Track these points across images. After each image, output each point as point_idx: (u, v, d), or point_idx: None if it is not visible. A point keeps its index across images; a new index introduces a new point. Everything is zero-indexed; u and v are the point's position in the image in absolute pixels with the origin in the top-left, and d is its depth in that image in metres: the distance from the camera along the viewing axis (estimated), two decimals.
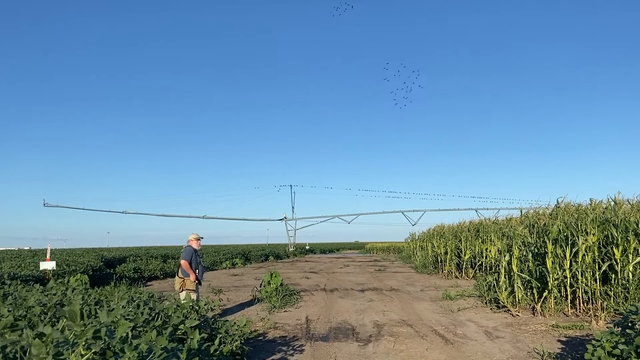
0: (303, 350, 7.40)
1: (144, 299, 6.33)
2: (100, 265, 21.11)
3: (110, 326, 4.11)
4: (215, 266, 30.41)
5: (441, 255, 22.11)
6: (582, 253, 9.77)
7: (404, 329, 8.92)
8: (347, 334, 8.56)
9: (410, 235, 38.46)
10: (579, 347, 6.98)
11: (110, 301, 7.43)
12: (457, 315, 10.35)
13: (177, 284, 10.13)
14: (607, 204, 11.88)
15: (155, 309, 5.58)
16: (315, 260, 43.75)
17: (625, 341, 4.90)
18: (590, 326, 8.52)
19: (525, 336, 8.13)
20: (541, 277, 10.48)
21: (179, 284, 10.07)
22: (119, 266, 22.51)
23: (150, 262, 24.69)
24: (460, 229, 22.08)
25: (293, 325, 9.48)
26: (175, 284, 10.18)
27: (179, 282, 10.08)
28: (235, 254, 38.05)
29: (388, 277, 21.07)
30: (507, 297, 10.72)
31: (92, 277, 17.16)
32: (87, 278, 15.27)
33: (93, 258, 23.72)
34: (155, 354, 3.69)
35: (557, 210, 12.42)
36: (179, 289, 10.05)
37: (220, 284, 18.55)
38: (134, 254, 31.51)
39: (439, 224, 27.49)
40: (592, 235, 9.82)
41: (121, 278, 18.82)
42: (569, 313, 9.88)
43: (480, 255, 18.42)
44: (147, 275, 21.98)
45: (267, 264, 37.48)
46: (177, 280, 10.12)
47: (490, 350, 7.24)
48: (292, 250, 61.93)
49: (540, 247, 10.97)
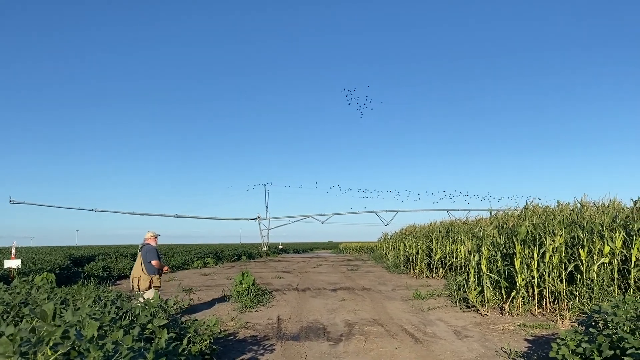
0: (274, 350, 7.38)
1: (112, 298, 6.21)
2: (68, 263, 20.69)
3: (76, 326, 4.02)
4: (187, 265, 30.07)
5: (413, 255, 22.31)
6: (550, 254, 9.98)
7: (375, 328, 8.97)
8: (318, 334, 8.57)
9: (383, 235, 38.72)
10: (545, 346, 7.12)
11: (77, 300, 7.27)
12: (427, 315, 10.46)
13: (144, 282, 9.90)
14: (573, 206, 12.18)
15: (122, 308, 5.48)
16: (288, 260, 43.66)
17: (589, 340, 5.02)
18: (556, 325, 8.70)
19: (493, 335, 8.26)
20: (509, 277, 10.66)
21: (147, 282, 9.91)
22: (88, 265, 22.11)
23: (119, 261, 24.33)
24: (432, 229, 22.33)
25: (264, 325, 9.44)
26: (142, 283, 9.90)
27: (146, 280, 9.91)
28: (207, 253, 37.73)
29: (360, 277, 21.16)
30: (476, 297, 10.88)
31: (59, 276, 16.79)
32: (53, 277, 14.91)
33: (60, 256, 23.25)
34: (122, 354, 3.63)
35: (525, 211, 12.66)
36: (146, 287, 9.88)
37: (191, 284, 18.36)
38: (104, 253, 31.02)
39: (411, 224, 27.77)
40: (559, 237, 10.04)
41: (89, 277, 18.46)
42: (536, 313, 10.07)
43: (450, 255, 18.66)
44: (117, 274, 21.66)
45: (239, 263, 37.24)
46: (145, 278, 9.91)
47: (459, 349, 7.33)
48: (266, 250, 61.69)
49: (509, 247, 11.16)
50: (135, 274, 10.05)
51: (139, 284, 9.89)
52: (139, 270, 10.00)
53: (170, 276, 22.63)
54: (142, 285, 9.88)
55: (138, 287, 9.88)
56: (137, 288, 9.86)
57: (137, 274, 9.99)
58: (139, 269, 10.02)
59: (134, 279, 10.04)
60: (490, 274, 10.82)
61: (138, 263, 10.11)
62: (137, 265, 10.11)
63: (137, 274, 10.00)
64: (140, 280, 9.92)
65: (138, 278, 9.95)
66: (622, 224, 9.98)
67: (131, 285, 10.10)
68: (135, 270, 10.13)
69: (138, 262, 10.12)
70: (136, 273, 10.03)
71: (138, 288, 9.86)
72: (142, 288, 9.84)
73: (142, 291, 9.72)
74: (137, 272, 10.02)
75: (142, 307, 5.73)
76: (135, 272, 10.07)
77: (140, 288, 9.85)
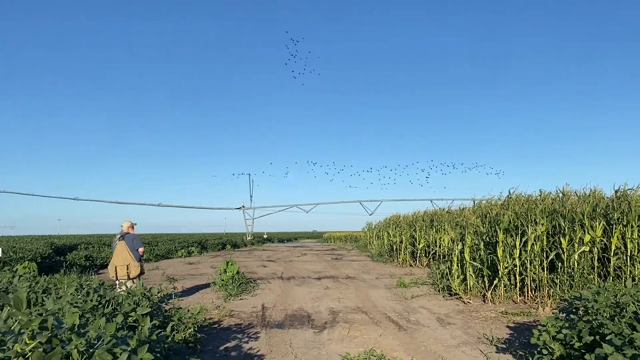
0: (258, 338, 7.39)
1: (94, 286, 6.14)
2: (50, 252, 20.47)
3: (58, 314, 3.98)
4: (171, 255, 29.95)
5: (396, 244, 22.45)
6: (532, 242, 10.11)
7: (359, 316, 9.03)
8: (302, 321, 8.59)
9: (367, 224, 38.84)
10: (526, 333, 7.23)
11: (59, 289, 7.19)
12: (410, 303, 10.54)
13: (134, 269, 10.09)
14: (555, 195, 12.33)
15: (105, 296, 5.43)
16: (273, 249, 43.68)
17: (569, 326, 5.10)
18: (538, 312, 8.84)
19: (475, 322, 8.36)
20: (492, 266, 10.78)
21: (138, 269, 10.15)
22: (70, 254, 21.89)
23: (102, 250, 24.13)
24: (415, 218, 22.48)
25: (249, 313, 9.44)
26: (133, 270, 10.06)
27: (137, 266, 10.14)
28: (191, 242, 37.60)
29: (344, 266, 21.25)
30: (459, 285, 10.98)
31: (41, 265, 16.64)
32: (35, 266, 14.77)
33: (42, 245, 22.98)
34: (104, 341, 3.59)
35: (508, 200, 12.79)
36: (137, 273, 10.12)
37: (175, 273, 18.28)
38: (86, 242, 30.72)
39: (395, 214, 27.92)
40: (541, 225, 10.16)
41: (72, 266, 18.32)
42: (517, 300, 10.21)
43: (434, 244, 18.82)
44: (99, 263, 21.48)
45: (224, 252, 37.16)
46: (135, 265, 10.11)
47: (441, 336, 7.41)
48: (250, 239, 61.61)
49: (491, 236, 11.28)
50: (122, 262, 10.05)
51: (129, 271, 10.00)
52: (128, 258, 10.07)
53: (154, 265, 22.54)
54: (133, 272, 10.03)
55: (128, 275, 9.97)
56: (127, 276, 9.97)
57: (126, 262, 10.04)
58: (126, 257, 10.07)
59: (120, 267, 10.03)
60: (473, 263, 10.93)
61: (123, 251, 10.12)
62: (123, 253, 10.11)
63: (125, 262, 10.04)
64: (131, 267, 10.04)
65: (127, 265, 10.02)
66: (602, 213, 10.14)
67: (114, 274, 10.08)
68: (121, 258, 10.10)
69: (123, 251, 10.12)
70: (123, 261, 10.05)
71: (128, 275, 9.97)
72: (132, 275, 10.01)
73: (132, 278, 9.97)
74: (125, 260, 10.06)
75: (125, 295, 5.69)
76: (122, 260, 10.07)
77: (130, 275, 9.99)
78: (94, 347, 3.43)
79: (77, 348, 3.12)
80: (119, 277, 10.03)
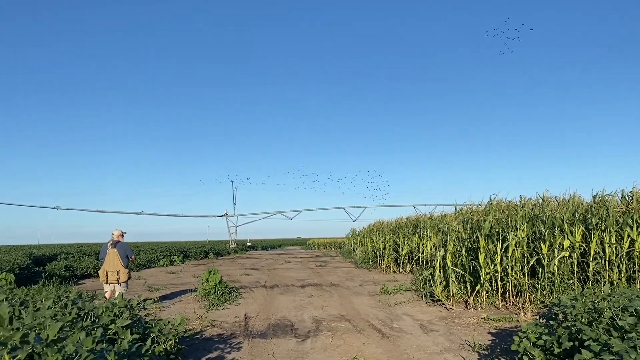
0: (241, 348, 7.33)
1: (72, 298, 6.05)
2: (29, 263, 20.07)
3: (35, 328, 3.91)
4: (153, 263, 29.63)
5: (380, 251, 22.50)
6: (512, 248, 10.20)
7: (342, 324, 9.01)
8: (285, 330, 8.55)
9: (351, 231, 38.92)
10: (508, 339, 7.27)
11: (37, 301, 7.06)
12: (394, 309, 10.56)
13: (124, 274, 10.97)
14: (536, 201, 12.48)
15: (84, 309, 5.35)
16: (256, 257, 43.45)
17: (549, 332, 5.15)
18: (519, 318, 8.91)
19: (458, 329, 8.40)
20: (474, 272, 10.85)
21: (127, 274, 11.05)
22: (50, 264, 21.53)
23: (83, 260, 23.76)
24: (398, 224, 22.55)
25: (231, 323, 9.37)
26: (122, 275, 10.94)
27: (126, 272, 11.02)
28: (173, 251, 37.24)
29: (328, 273, 21.23)
30: (442, 291, 11.04)
31: (19, 276, 16.33)
32: (13, 277, 14.52)
33: (21, 256, 22.55)
34: (81, 357, 3.54)
35: (489, 206, 12.89)
36: (126, 278, 11.04)
37: (157, 282, 18.09)
38: (66, 252, 30.24)
39: (379, 220, 27.98)
40: (521, 231, 10.27)
41: (51, 276, 17.99)
42: (499, 306, 10.29)
43: (417, 250, 18.90)
44: (80, 273, 21.16)
45: (206, 261, 36.89)
46: (124, 272, 10.98)
47: (424, 343, 7.43)
48: (234, 247, 61.29)
49: (473, 242, 11.36)
50: (113, 268, 10.91)
51: (119, 276, 10.90)
52: (119, 265, 10.95)
53: (136, 275, 22.28)
54: (122, 277, 10.95)
55: (118, 280, 10.87)
56: (117, 280, 10.87)
57: (117, 268, 10.93)
58: (117, 263, 10.95)
59: (111, 272, 10.90)
60: (455, 269, 10.99)
61: (114, 258, 10.97)
62: (114, 260, 10.96)
63: (116, 268, 10.92)
64: (120, 273, 10.94)
65: (118, 271, 10.92)
66: (581, 219, 10.29)
67: (105, 279, 10.90)
68: (112, 264, 10.93)
69: (114, 258, 10.97)
70: (114, 267, 10.93)
71: (117, 280, 10.87)
72: (122, 279, 10.94)
73: (121, 282, 10.93)
74: (116, 266, 10.94)
75: (105, 307, 5.61)
76: (114, 266, 10.93)
77: (120, 280, 10.91)
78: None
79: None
80: (110, 282, 10.89)
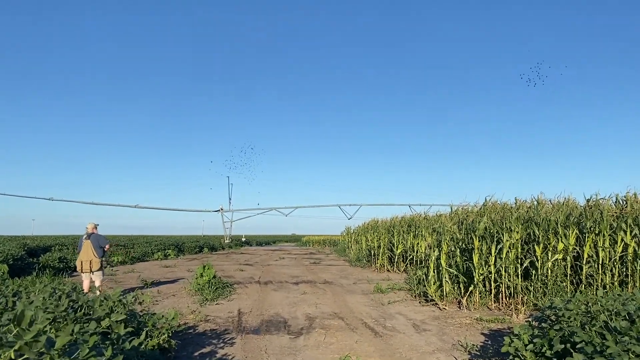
0: (234, 343, 7.34)
1: (67, 291, 6.02)
2: (22, 254, 19.99)
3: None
4: (147, 257, 29.58)
5: (374, 249, 22.52)
6: (507, 250, 10.24)
7: (335, 322, 9.03)
8: (278, 327, 8.56)
9: (346, 228, 38.96)
10: (500, 340, 7.29)
11: (31, 292, 7.05)
12: (387, 308, 10.59)
13: (96, 264, 11.82)
14: (530, 203, 12.52)
15: (77, 301, 5.34)
16: (251, 252, 43.44)
17: (541, 334, 5.18)
18: (512, 319, 8.95)
19: (450, 329, 8.43)
20: (468, 272, 10.89)
21: (99, 264, 11.88)
22: (43, 255, 21.44)
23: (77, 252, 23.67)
24: (393, 223, 22.57)
25: (225, 318, 9.38)
26: (95, 264, 11.79)
27: (98, 262, 11.85)
28: (168, 245, 37.19)
29: (322, 270, 21.25)
30: (436, 291, 11.08)
31: (13, 267, 16.28)
32: (6, 268, 14.51)
33: (14, 246, 22.47)
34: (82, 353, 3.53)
35: (484, 208, 12.94)
36: (98, 267, 11.86)
37: (150, 276, 18.05)
38: (60, 243, 30.18)
39: (374, 218, 27.94)
40: (516, 233, 10.31)
41: (45, 268, 17.97)
42: (492, 307, 10.33)
43: (411, 250, 18.92)
44: (74, 265, 21.01)
45: (201, 255, 36.85)
46: (97, 261, 11.83)
47: (417, 342, 7.46)
48: (228, 242, 61.18)
49: (468, 243, 11.40)
50: (87, 258, 11.79)
51: (92, 265, 11.75)
52: (91, 254, 11.81)
53: (130, 268, 22.26)
54: (94, 266, 11.78)
55: (90, 268, 11.73)
56: (90, 269, 11.74)
57: (89, 258, 11.80)
58: (90, 253, 11.81)
59: (85, 262, 11.77)
60: (449, 269, 11.03)
61: (88, 249, 11.84)
62: (87, 250, 11.85)
63: (89, 258, 11.79)
64: (93, 262, 11.78)
65: (90, 261, 11.78)
66: (575, 222, 10.34)
67: (80, 268, 11.82)
68: (86, 254, 11.82)
69: (88, 248, 11.85)
70: (87, 257, 11.80)
71: (90, 269, 11.74)
72: (94, 268, 11.77)
73: (93, 271, 11.78)
74: (89, 256, 11.81)
75: (99, 300, 5.60)
76: (87, 256, 11.81)
77: (92, 268, 11.75)
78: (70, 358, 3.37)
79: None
80: (84, 270, 11.78)
